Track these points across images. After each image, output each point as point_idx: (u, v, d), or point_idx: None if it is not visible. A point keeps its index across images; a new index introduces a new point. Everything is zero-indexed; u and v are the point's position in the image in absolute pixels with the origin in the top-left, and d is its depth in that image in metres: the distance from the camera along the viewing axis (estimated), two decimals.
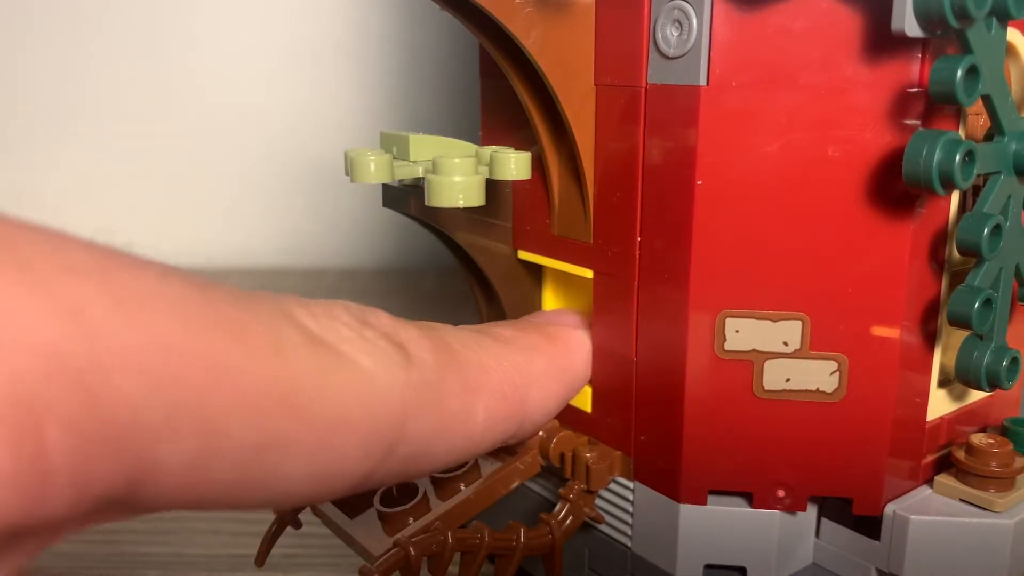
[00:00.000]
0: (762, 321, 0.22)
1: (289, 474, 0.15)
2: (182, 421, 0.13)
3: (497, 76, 0.26)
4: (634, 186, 0.23)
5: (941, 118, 0.21)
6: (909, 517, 0.23)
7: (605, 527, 0.26)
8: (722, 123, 0.21)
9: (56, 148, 0.67)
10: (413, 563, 0.22)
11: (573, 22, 0.23)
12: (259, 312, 0.15)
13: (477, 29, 0.23)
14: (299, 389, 0.15)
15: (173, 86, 0.66)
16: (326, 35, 0.65)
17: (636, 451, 0.25)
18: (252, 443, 0.14)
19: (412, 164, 0.23)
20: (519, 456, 0.24)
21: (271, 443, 0.15)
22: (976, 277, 0.21)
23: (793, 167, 0.21)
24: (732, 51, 0.21)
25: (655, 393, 0.24)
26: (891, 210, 0.21)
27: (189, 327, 0.14)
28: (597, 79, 0.24)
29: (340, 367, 0.16)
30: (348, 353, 0.17)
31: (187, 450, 0.14)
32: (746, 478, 0.23)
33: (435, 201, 0.20)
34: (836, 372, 0.22)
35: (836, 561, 0.24)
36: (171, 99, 0.66)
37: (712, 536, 0.24)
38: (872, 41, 0.20)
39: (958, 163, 0.19)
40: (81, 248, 0.13)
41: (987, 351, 0.22)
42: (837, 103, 0.21)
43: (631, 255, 0.24)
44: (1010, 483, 0.23)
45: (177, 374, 0.13)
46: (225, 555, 0.31)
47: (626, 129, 0.23)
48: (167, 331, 0.13)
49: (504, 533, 0.24)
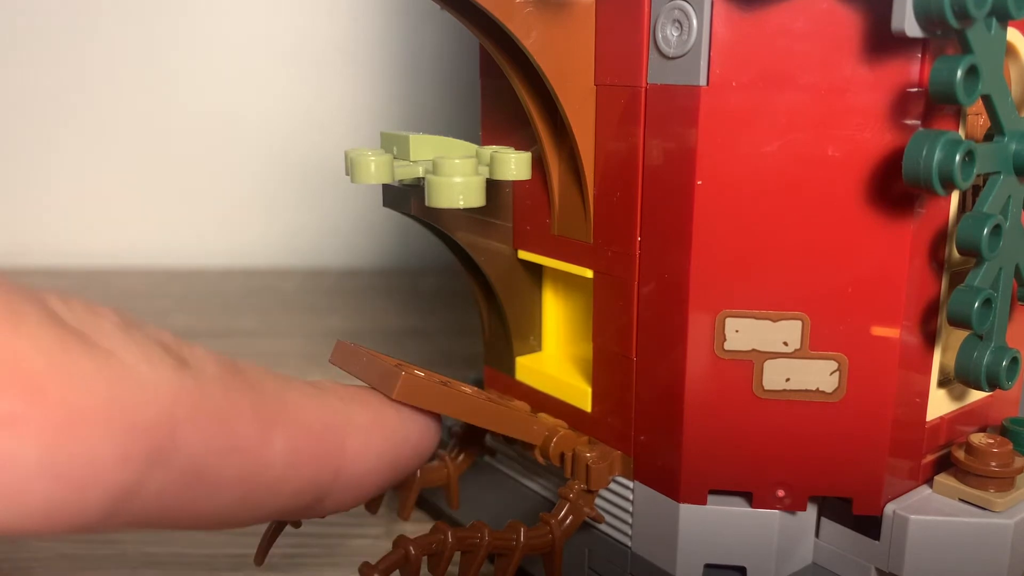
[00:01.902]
0: (762, 321, 0.22)
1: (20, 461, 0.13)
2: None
3: (497, 76, 0.26)
4: (634, 186, 0.23)
5: (941, 118, 0.21)
6: (909, 517, 0.23)
7: (605, 527, 0.26)
8: (722, 123, 0.21)
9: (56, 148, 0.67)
10: (413, 562, 0.22)
11: (573, 22, 0.23)
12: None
13: (477, 29, 0.23)
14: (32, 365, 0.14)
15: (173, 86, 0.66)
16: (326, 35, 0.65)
17: (636, 451, 0.25)
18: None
19: (412, 164, 0.23)
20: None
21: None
22: (976, 277, 0.21)
23: (793, 167, 0.21)
24: (732, 51, 0.21)
25: (655, 393, 0.24)
26: (891, 210, 0.21)
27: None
28: (597, 79, 0.24)
29: (90, 354, 0.14)
30: (104, 344, 0.15)
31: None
32: (746, 478, 0.23)
33: (435, 201, 0.20)
34: (836, 372, 0.22)
35: (836, 561, 0.25)
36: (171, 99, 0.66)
37: (712, 536, 0.24)
38: (872, 41, 0.20)
39: (958, 163, 0.19)
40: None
41: (987, 351, 0.22)
42: (837, 103, 0.21)
43: (631, 255, 0.24)
44: (1010, 483, 0.23)
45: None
46: (225, 555, 0.31)
47: (626, 129, 0.23)
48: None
49: (504, 533, 0.24)
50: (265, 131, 0.67)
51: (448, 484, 0.29)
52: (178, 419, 0.15)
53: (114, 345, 0.15)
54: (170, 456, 0.15)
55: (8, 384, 0.13)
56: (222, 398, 0.16)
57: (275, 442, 0.17)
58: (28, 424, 0.13)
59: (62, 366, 0.14)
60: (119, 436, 0.14)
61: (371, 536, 0.32)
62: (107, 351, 0.15)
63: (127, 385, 0.15)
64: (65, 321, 0.15)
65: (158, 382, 0.15)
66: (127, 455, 0.15)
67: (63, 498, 0.14)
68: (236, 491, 0.17)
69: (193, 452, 0.16)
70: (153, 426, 0.15)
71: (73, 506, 0.14)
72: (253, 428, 0.17)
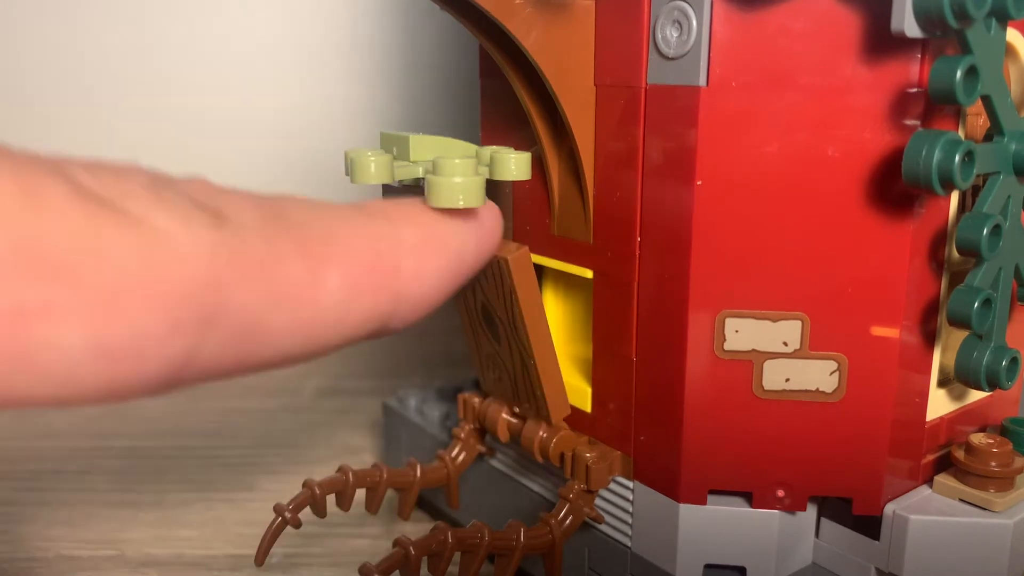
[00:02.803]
0: (762, 321, 0.22)
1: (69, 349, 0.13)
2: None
3: (497, 76, 0.26)
4: (634, 186, 0.23)
5: (941, 118, 0.21)
6: (909, 517, 0.23)
7: (605, 527, 0.26)
8: (722, 123, 0.21)
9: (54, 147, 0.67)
10: (413, 562, 0.22)
11: (573, 22, 0.23)
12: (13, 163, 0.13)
13: (477, 29, 0.23)
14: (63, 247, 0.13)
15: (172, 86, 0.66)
16: (326, 35, 0.65)
17: (636, 451, 0.25)
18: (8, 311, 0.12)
19: (412, 164, 0.22)
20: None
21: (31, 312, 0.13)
22: (976, 277, 0.21)
23: (793, 167, 0.21)
24: (732, 51, 0.21)
25: (655, 393, 0.24)
26: (891, 210, 0.21)
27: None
28: (597, 79, 0.24)
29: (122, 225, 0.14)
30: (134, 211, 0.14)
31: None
32: (746, 478, 0.23)
33: (435, 202, 0.20)
34: (836, 372, 0.22)
35: (836, 561, 0.25)
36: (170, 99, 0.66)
37: (712, 536, 0.24)
38: (872, 41, 0.20)
39: (958, 163, 0.19)
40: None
41: (987, 351, 0.22)
42: (837, 103, 0.21)
43: (631, 255, 0.24)
44: (1010, 483, 0.23)
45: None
46: (225, 555, 0.31)
47: (626, 129, 0.23)
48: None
49: (504, 533, 0.24)
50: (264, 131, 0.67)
51: (448, 484, 0.29)
52: (222, 278, 0.15)
53: (145, 210, 0.14)
54: (220, 316, 0.15)
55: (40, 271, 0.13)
56: (265, 247, 0.16)
57: (328, 281, 0.17)
58: (68, 310, 0.13)
59: (93, 243, 0.13)
60: (164, 306, 0.14)
61: (371, 536, 0.32)
62: (139, 218, 0.14)
63: (164, 252, 0.14)
64: (91, 190, 0.14)
65: (196, 243, 0.15)
66: (176, 323, 0.14)
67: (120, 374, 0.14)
68: (297, 336, 0.17)
69: (244, 307, 0.15)
70: (198, 290, 0.14)
71: (132, 380, 0.14)
72: (303, 272, 0.16)
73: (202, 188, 0.16)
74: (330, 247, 0.17)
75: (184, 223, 0.15)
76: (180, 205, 0.15)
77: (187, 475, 0.38)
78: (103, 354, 0.13)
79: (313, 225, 0.17)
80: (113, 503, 0.35)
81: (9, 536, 0.33)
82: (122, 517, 0.34)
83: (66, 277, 0.13)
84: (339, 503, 0.26)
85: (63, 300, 0.13)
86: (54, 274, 0.13)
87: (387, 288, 0.18)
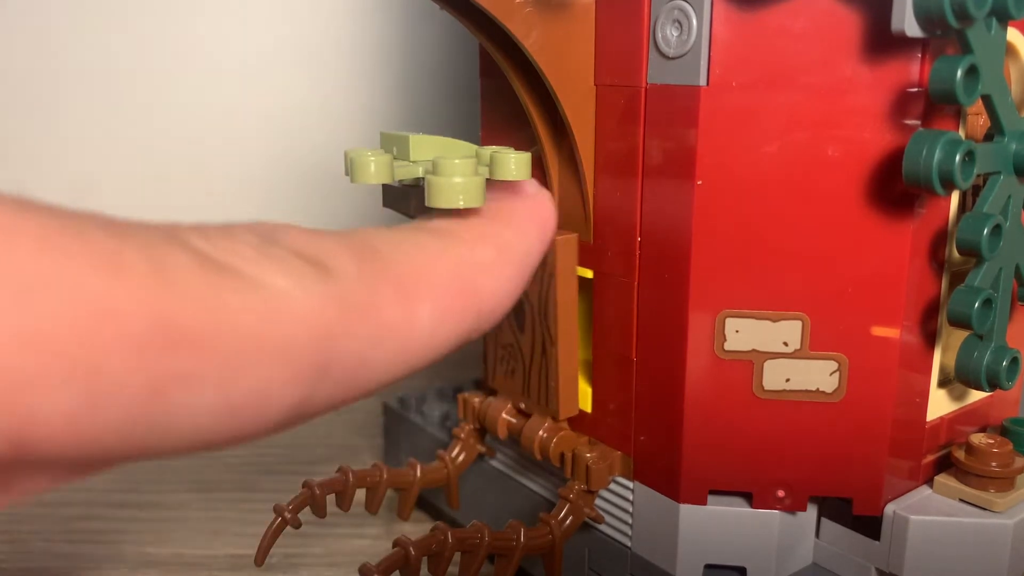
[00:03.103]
0: (762, 321, 0.22)
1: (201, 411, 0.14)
2: (57, 368, 0.12)
3: (497, 76, 0.26)
4: (634, 186, 0.23)
5: (941, 118, 0.21)
6: (909, 517, 0.23)
7: (605, 527, 0.26)
8: (722, 123, 0.21)
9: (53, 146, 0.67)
10: (413, 563, 0.22)
11: (573, 22, 0.23)
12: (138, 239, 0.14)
13: (477, 29, 0.23)
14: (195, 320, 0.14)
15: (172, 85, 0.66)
16: (326, 35, 0.65)
17: (636, 451, 0.25)
18: (143, 385, 0.13)
19: (412, 164, 0.22)
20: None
21: (170, 382, 0.13)
22: (976, 277, 0.21)
23: (793, 167, 0.21)
24: (732, 51, 0.21)
25: (655, 393, 0.24)
26: (891, 210, 0.21)
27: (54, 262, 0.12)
28: (597, 79, 0.24)
29: (243, 290, 0.15)
30: (251, 273, 0.15)
31: (69, 399, 0.12)
32: (746, 478, 0.23)
33: (435, 202, 0.20)
34: (836, 372, 0.22)
35: (836, 561, 0.24)
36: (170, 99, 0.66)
37: (712, 536, 0.24)
38: (872, 41, 0.20)
39: (958, 163, 0.19)
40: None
41: (987, 351, 0.22)
42: (837, 103, 0.21)
43: (631, 255, 0.24)
44: (1010, 483, 0.23)
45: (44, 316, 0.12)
46: (225, 555, 0.31)
47: (626, 129, 0.23)
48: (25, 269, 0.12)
49: (504, 533, 0.24)
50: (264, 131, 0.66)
51: (448, 484, 0.29)
52: (333, 329, 0.16)
53: (259, 271, 0.15)
54: (331, 363, 0.16)
55: (175, 345, 0.13)
56: (368, 294, 0.17)
57: (421, 316, 0.18)
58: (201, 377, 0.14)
59: (221, 312, 0.14)
60: (284, 362, 0.15)
61: (371, 536, 0.32)
62: (256, 281, 0.15)
63: (283, 312, 0.15)
64: (209, 256, 0.15)
65: (310, 300, 0.15)
66: (294, 375, 0.15)
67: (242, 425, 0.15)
68: (393, 367, 0.18)
69: (351, 352, 0.16)
70: (312, 343, 0.15)
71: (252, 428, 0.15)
72: (400, 310, 0.17)
73: (300, 238, 0.17)
74: (420, 282, 0.18)
75: (297, 281, 0.16)
76: (290, 263, 0.16)
77: (187, 475, 0.38)
78: (230, 410, 0.14)
79: (401, 261, 0.18)
80: (113, 503, 0.35)
81: (9, 536, 0.33)
82: (122, 517, 0.34)
83: (198, 348, 0.14)
84: (339, 503, 0.26)
85: (196, 369, 0.14)
86: (188, 346, 0.14)
87: (470, 309, 0.19)
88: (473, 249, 0.20)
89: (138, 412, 0.13)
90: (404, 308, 0.18)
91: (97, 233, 0.13)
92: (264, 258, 0.16)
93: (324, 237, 0.18)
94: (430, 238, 0.20)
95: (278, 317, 0.15)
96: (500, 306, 0.20)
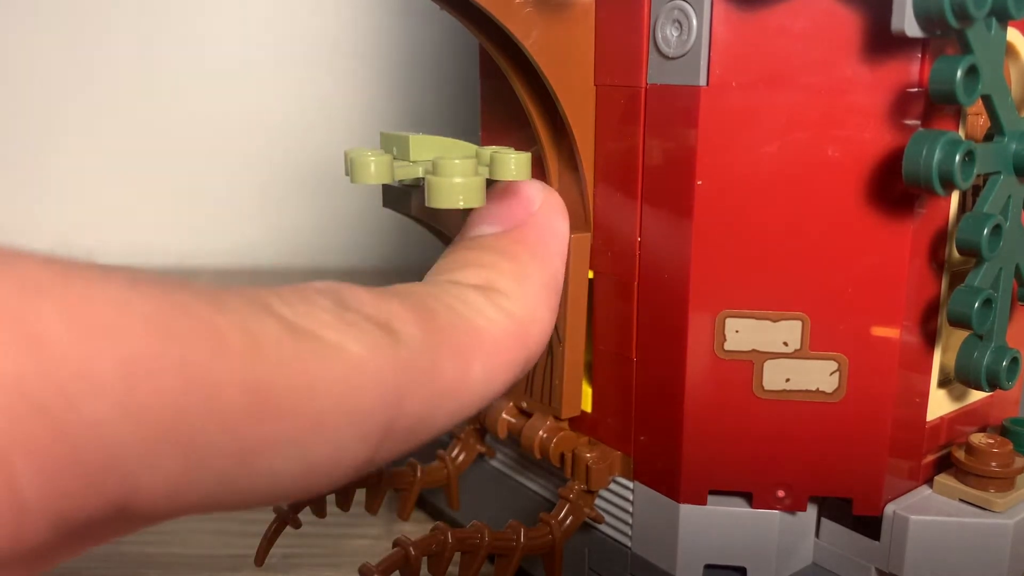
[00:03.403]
0: (762, 321, 0.22)
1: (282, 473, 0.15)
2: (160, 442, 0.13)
3: (497, 76, 0.26)
4: (634, 186, 0.23)
5: (941, 118, 0.21)
6: (909, 517, 0.23)
7: (605, 527, 0.26)
8: (722, 123, 0.21)
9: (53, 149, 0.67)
10: (413, 563, 0.22)
11: (573, 22, 0.23)
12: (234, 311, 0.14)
13: (477, 29, 0.23)
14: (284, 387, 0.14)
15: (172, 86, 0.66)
16: (326, 35, 0.65)
17: (636, 451, 0.25)
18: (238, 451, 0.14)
19: (412, 164, 0.22)
20: None
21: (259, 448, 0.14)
22: (976, 277, 0.21)
23: (793, 167, 0.21)
24: (732, 51, 0.21)
25: (655, 393, 0.24)
26: (891, 210, 0.21)
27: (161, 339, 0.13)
28: (597, 79, 0.24)
29: (326, 356, 0.15)
30: (332, 339, 0.16)
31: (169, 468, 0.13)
32: (746, 478, 0.23)
33: (435, 202, 0.20)
34: (836, 372, 0.22)
35: (836, 561, 0.24)
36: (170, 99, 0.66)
37: (712, 536, 0.24)
38: (872, 41, 0.20)
39: (958, 163, 0.19)
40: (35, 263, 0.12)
41: (987, 351, 0.22)
42: (837, 103, 0.21)
43: (631, 255, 0.24)
44: (1010, 483, 0.23)
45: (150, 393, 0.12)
46: (225, 555, 0.31)
47: (626, 129, 0.23)
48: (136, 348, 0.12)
49: (504, 533, 0.24)
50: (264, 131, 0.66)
51: (448, 484, 0.29)
52: (402, 392, 0.17)
53: (339, 336, 0.16)
54: (397, 422, 0.17)
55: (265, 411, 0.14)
56: (431, 356, 0.18)
57: (474, 374, 0.19)
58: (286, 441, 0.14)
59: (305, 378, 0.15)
60: (358, 423, 0.16)
61: (371, 536, 0.32)
62: (336, 346, 0.16)
63: (360, 377, 0.16)
64: (291, 322, 0.15)
65: (383, 365, 0.16)
66: (365, 436, 0.16)
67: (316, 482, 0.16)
68: (450, 423, 0.18)
69: (414, 412, 0.17)
70: (382, 407, 0.16)
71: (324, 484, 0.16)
72: (457, 370, 0.18)
73: (369, 302, 0.18)
74: (472, 341, 0.19)
75: (371, 347, 0.16)
76: (363, 328, 0.17)
77: None
78: (307, 471, 0.15)
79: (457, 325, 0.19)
80: None
81: None
82: None
83: (286, 414, 0.14)
84: (339, 503, 0.26)
85: (282, 434, 0.14)
86: (276, 412, 0.14)
87: (520, 359, 0.20)
88: (517, 290, 0.21)
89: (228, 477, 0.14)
90: (460, 369, 0.18)
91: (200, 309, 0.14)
92: (341, 323, 0.16)
93: (389, 299, 0.18)
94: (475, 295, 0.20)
95: (355, 382, 0.16)
96: (544, 340, 0.21)
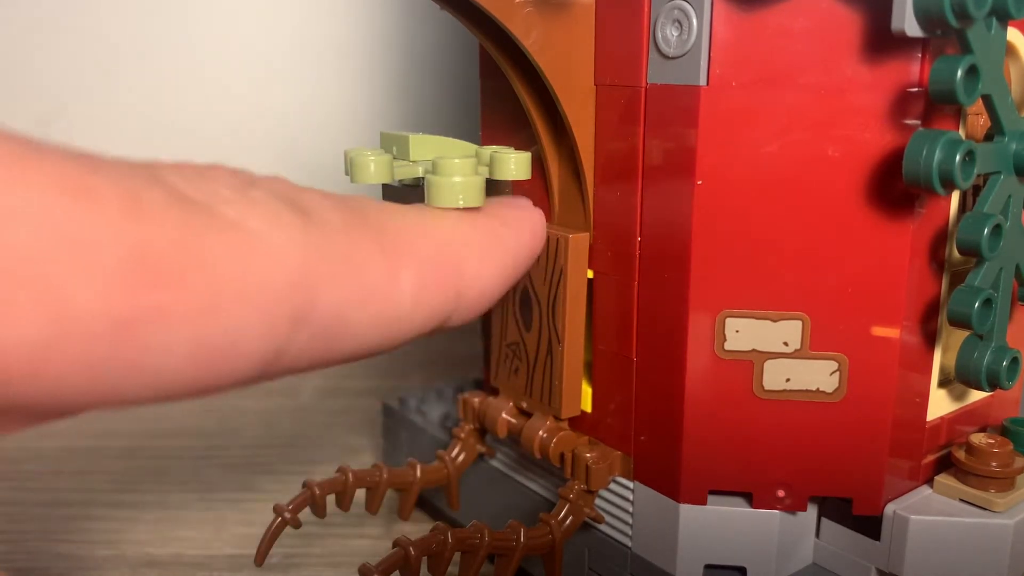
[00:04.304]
0: (762, 321, 0.22)
1: (169, 352, 0.14)
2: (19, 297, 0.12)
3: (497, 76, 0.26)
4: (634, 186, 0.23)
5: (941, 118, 0.21)
6: (909, 517, 0.23)
7: (605, 527, 0.26)
8: (722, 123, 0.21)
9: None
10: (413, 563, 0.22)
11: (573, 22, 0.23)
12: (111, 171, 0.14)
13: (477, 29, 0.23)
14: (168, 255, 0.13)
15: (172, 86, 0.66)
16: (326, 35, 0.65)
17: (636, 451, 0.25)
18: (112, 318, 0.13)
19: (412, 164, 0.22)
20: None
21: (137, 318, 0.13)
22: (976, 277, 0.21)
23: (793, 167, 0.21)
24: (732, 51, 0.21)
25: (655, 393, 0.24)
26: (891, 210, 0.21)
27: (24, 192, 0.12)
28: (597, 79, 0.24)
29: (220, 229, 0.14)
30: (228, 214, 0.15)
31: (32, 330, 0.12)
32: (746, 478, 0.23)
33: (435, 201, 0.20)
34: (836, 372, 0.22)
35: (836, 561, 0.24)
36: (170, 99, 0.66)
37: (712, 536, 0.24)
38: (872, 41, 0.20)
39: (958, 163, 0.19)
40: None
41: (987, 351, 0.22)
42: (837, 103, 0.21)
43: (631, 255, 0.24)
44: (1010, 483, 0.23)
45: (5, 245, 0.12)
46: (225, 555, 0.31)
47: (626, 129, 0.23)
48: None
49: (504, 533, 0.24)
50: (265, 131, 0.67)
51: (448, 484, 0.29)
52: (313, 278, 0.15)
53: (237, 212, 0.15)
54: (310, 315, 0.15)
55: (148, 279, 0.13)
56: (351, 248, 0.16)
57: (403, 281, 0.18)
58: (174, 314, 0.13)
59: (195, 249, 0.14)
60: (260, 306, 0.15)
61: (371, 536, 0.32)
62: (233, 222, 0.15)
63: (260, 255, 0.15)
64: (185, 194, 0.14)
65: (288, 245, 0.15)
66: (270, 324, 0.15)
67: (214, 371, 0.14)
68: (374, 332, 0.17)
69: (331, 307, 0.16)
70: (291, 291, 0.15)
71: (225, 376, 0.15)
72: (383, 272, 0.17)
73: (284, 187, 0.17)
74: (404, 247, 0.18)
75: (276, 225, 0.15)
76: (270, 206, 0.15)
77: (187, 475, 0.38)
78: (203, 353, 0.14)
79: (388, 225, 0.18)
80: (113, 503, 0.35)
81: (9, 536, 0.33)
82: (122, 517, 0.34)
83: (172, 283, 0.13)
84: (339, 503, 0.26)
85: (168, 305, 0.13)
86: (161, 281, 0.13)
87: (451, 288, 0.19)
88: (463, 230, 0.20)
89: (106, 347, 0.13)
90: (387, 268, 0.17)
91: (67, 163, 0.13)
92: (243, 200, 0.15)
93: (312, 191, 0.17)
94: (421, 214, 0.19)
95: (254, 259, 0.14)
96: (482, 294, 0.20)
